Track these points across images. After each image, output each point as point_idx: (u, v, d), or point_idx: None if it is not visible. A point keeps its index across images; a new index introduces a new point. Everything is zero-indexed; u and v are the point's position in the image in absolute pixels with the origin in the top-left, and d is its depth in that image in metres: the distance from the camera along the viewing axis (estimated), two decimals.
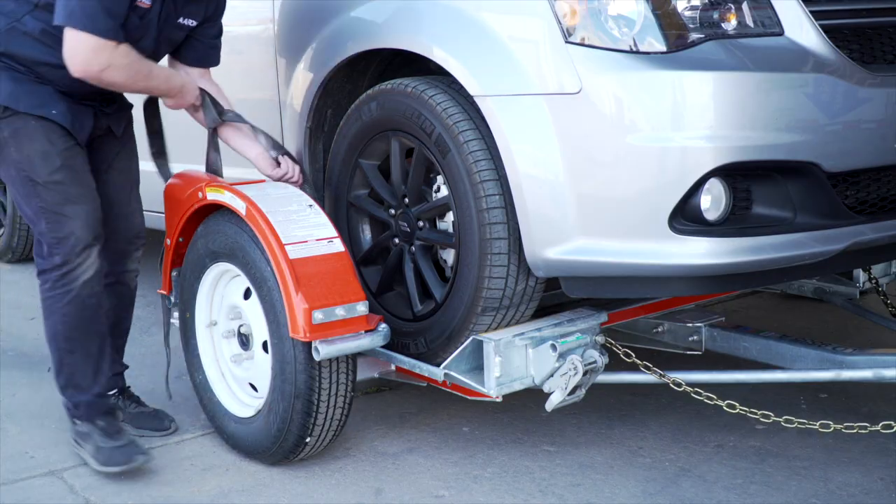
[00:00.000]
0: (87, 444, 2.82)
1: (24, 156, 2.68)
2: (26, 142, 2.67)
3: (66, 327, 2.76)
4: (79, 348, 2.79)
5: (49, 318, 2.77)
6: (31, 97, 2.69)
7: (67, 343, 2.78)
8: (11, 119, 2.67)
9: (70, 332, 2.76)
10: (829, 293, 3.57)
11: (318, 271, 2.61)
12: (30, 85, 2.69)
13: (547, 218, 2.45)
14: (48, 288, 2.74)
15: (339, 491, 2.70)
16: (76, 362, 2.80)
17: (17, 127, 2.67)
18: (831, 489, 2.65)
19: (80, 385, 2.82)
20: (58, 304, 2.73)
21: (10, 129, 2.68)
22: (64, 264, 2.70)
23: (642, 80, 2.32)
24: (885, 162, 2.56)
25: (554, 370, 2.60)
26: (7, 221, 5.27)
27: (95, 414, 2.83)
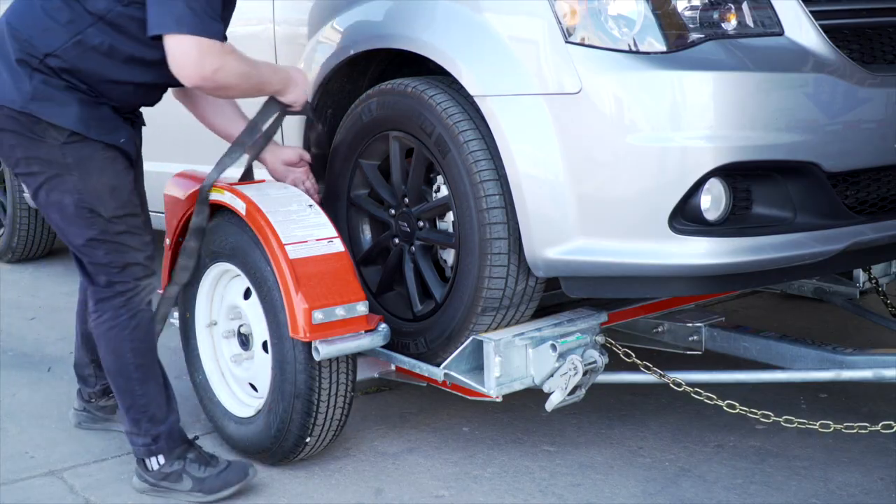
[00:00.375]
0: (182, 482, 2.65)
1: (90, 188, 2.52)
2: (95, 173, 2.52)
3: (136, 355, 2.61)
4: (151, 376, 2.65)
5: (114, 350, 2.61)
6: (101, 123, 2.54)
7: (139, 372, 2.62)
8: (78, 146, 2.50)
9: (141, 360, 2.62)
10: (829, 293, 3.57)
11: (318, 271, 2.61)
12: (94, 108, 2.53)
13: (547, 218, 2.45)
14: (110, 317, 2.60)
15: (339, 491, 2.70)
16: (149, 392, 2.64)
17: (84, 155, 2.51)
18: (831, 489, 2.65)
19: (157, 416, 2.65)
20: (125, 332, 2.60)
21: (77, 157, 2.51)
22: (127, 291, 2.59)
23: (642, 80, 2.32)
24: (885, 162, 2.56)
25: (554, 370, 2.60)
26: (7, 221, 5.27)
27: (177, 444, 2.67)
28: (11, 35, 2.50)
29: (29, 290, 4.86)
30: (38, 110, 2.46)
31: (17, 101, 2.47)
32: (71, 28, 2.47)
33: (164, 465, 2.65)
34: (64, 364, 3.74)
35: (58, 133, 2.48)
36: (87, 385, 3.07)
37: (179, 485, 2.65)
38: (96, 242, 2.55)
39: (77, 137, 2.49)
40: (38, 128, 2.48)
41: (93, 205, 2.53)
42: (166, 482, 2.65)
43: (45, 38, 2.47)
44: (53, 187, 2.53)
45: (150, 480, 2.67)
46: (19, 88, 2.46)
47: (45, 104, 2.47)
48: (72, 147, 2.50)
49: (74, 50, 2.47)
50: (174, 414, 2.69)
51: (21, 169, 2.57)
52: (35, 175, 2.54)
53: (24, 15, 2.52)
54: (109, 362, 2.64)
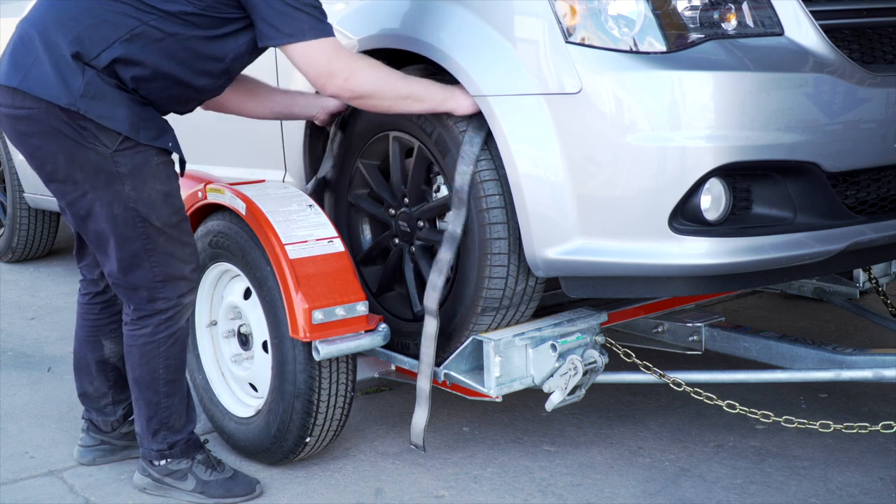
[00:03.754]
0: (186, 481, 2.63)
1: (144, 196, 2.40)
2: (150, 181, 2.40)
3: (169, 371, 2.56)
4: (178, 390, 2.61)
5: (147, 364, 2.55)
6: (149, 125, 2.40)
7: (168, 387, 2.58)
8: (130, 153, 2.37)
9: (173, 376, 2.58)
10: (829, 293, 3.57)
11: (318, 271, 2.61)
12: (142, 109, 2.39)
13: (547, 218, 2.45)
14: (149, 333, 2.52)
15: (339, 491, 2.70)
16: (174, 405, 2.60)
17: (138, 163, 2.38)
18: (831, 489, 2.65)
19: (175, 426, 2.62)
20: (161, 348, 2.54)
21: (130, 165, 2.38)
22: (170, 308, 2.51)
23: (642, 80, 2.32)
24: (885, 162, 2.56)
25: (554, 370, 2.60)
26: (7, 221, 5.27)
27: (192, 451, 2.65)
28: (59, 28, 2.34)
29: (29, 290, 4.86)
30: (86, 108, 2.31)
31: (63, 97, 2.31)
32: (130, 21, 2.34)
33: (170, 463, 2.63)
34: (64, 364, 3.74)
35: (108, 140, 2.35)
36: (105, 415, 2.87)
37: (183, 483, 2.63)
38: (143, 254, 2.44)
39: (128, 144, 2.37)
40: (87, 134, 2.34)
41: (146, 214, 2.42)
42: (170, 479, 2.64)
43: (100, 30, 2.32)
44: (100, 197, 2.39)
45: (153, 475, 2.65)
46: (68, 85, 2.30)
47: (94, 102, 2.32)
48: (123, 155, 2.37)
49: (131, 44, 2.33)
50: (192, 423, 2.67)
51: (60, 177, 2.41)
52: (77, 184, 2.40)
53: (77, 7, 2.36)
54: (139, 374, 2.57)
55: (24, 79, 2.33)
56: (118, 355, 2.80)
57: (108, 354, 2.80)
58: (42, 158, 2.40)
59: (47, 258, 5.44)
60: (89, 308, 2.79)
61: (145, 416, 2.60)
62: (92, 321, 2.79)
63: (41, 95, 2.32)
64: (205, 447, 2.70)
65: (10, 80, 2.35)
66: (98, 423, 2.87)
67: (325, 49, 2.40)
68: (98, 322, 2.79)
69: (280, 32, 2.37)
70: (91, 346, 2.80)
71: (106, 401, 2.85)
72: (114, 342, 2.79)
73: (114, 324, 2.78)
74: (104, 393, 2.84)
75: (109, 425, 2.87)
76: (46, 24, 2.36)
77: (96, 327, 2.79)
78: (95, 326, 2.79)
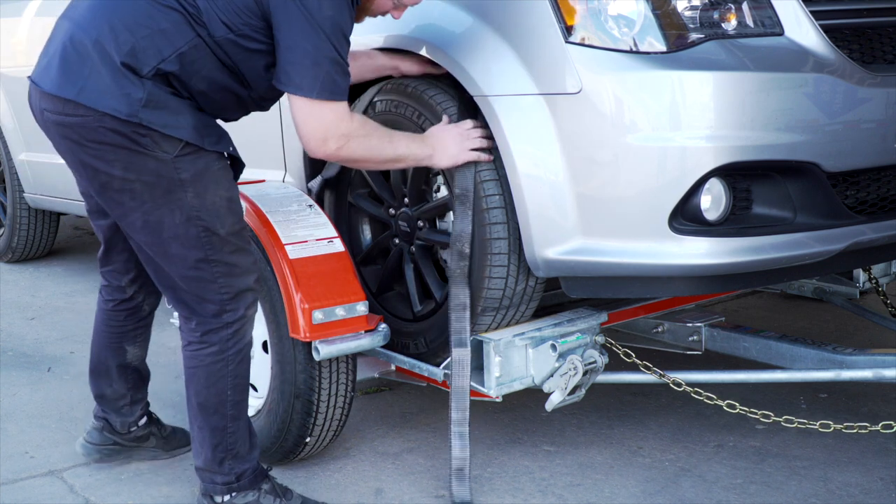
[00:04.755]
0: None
1: (208, 203, 2.27)
2: (212, 187, 2.28)
3: (236, 391, 2.39)
4: (243, 412, 2.43)
5: (215, 385, 2.37)
6: (210, 131, 2.29)
7: (236, 409, 2.40)
8: (191, 158, 2.24)
9: (239, 396, 2.41)
10: (829, 293, 3.57)
11: (318, 271, 2.61)
12: (201, 115, 2.29)
13: (547, 218, 2.45)
14: (216, 351, 2.35)
15: (339, 491, 2.70)
16: (240, 429, 2.42)
17: (200, 168, 2.26)
18: (831, 489, 2.65)
19: (241, 453, 2.43)
20: (229, 367, 2.36)
21: (193, 171, 2.25)
22: (236, 322, 2.35)
23: (642, 80, 2.32)
24: (885, 162, 2.56)
25: (554, 370, 2.60)
26: (7, 221, 5.27)
27: (259, 481, 2.46)
28: (115, 37, 2.20)
29: (29, 290, 4.86)
30: (150, 119, 2.18)
31: (122, 109, 2.17)
32: (186, 34, 2.22)
33: (236, 497, 2.44)
34: (64, 364, 3.74)
35: (169, 146, 2.22)
36: (123, 416, 2.80)
37: None
38: (207, 265, 2.30)
39: (190, 149, 2.24)
40: (146, 140, 2.20)
41: (209, 222, 2.28)
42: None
43: (156, 42, 2.20)
44: (160, 206, 2.25)
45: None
46: (127, 95, 2.17)
47: (157, 112, 2.19)
48: (185, 160, 2.24)
49: (187, 56, 2.22)
50: (256, 449, 2.50)
51: (115, 186, 2.26)
52: (135, 194, 2.25)
53: (131, 15, 2.22)
54: (206, 398, 2.38)
55: (82, 91, 2.20)
56: (140, 359, 2.77)
57: (131, 359, 2.75)
58: (95, 168, 2.26)
59: (47, 258, 5.44)
60: (113, 315, 2.71)
61: (210, 445, 2.40)
62: (116, 328, 2.72)
63: (100, 108, 2.19)
64: (269, 475, 2.52)
65: (66, 91, 2.22)
66: (115, 423, 2.81)
67: (329, 115, 2.29)
68: (123, 329, 2.72)
69: (290, 79, 2.25)
70: (113, 352, 2.73)
71: (124, 401, 2.79)
72: (137, 347, 2.74)
73: (139, 329, 2.73)
74: (123, 394, 2.78)
75: (126, 426, 2.82)
76: (101, 30, 2.22)
77: (120, 334, 2.72)
78: (119, 333, 2.72)
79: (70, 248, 5.71)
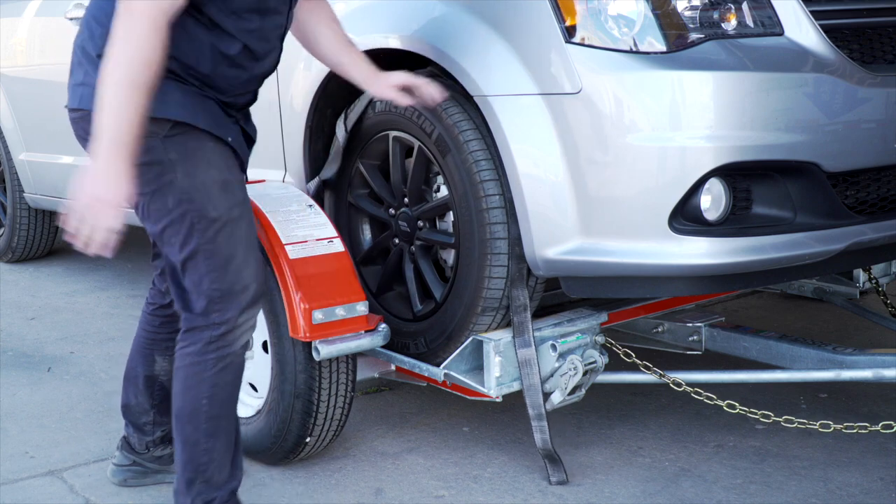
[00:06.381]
0: None
1: (198, 183, 2.12)
2: (203, 166, 2.13)
3: (213, 402, 2.21)
4: (223, 431, 2.23)
5: (191, 390, 2.20)
6: (207, 114, 2.15)
7: (210, 423, 2.21)
8: (181, 138, 2.11)
9: (217, 409, 2.22)
10: (829, 293, 3.57)
11: (318, 271, 2.61)
12: (200, 99, 2.15)
13: (547, 218, 2.45)
14: (197, 351, 2.19)
15: (339, 491, 2.70)
16: (215, 449, 2.23)
17: (190, 147, 2.12)
18: (831, 489, 2.65)
19: (214, 480, 2.24)
20: (208, 372, 2.19)
21: (181, 150, 2.11)
22: (225, 322, 2.17)
23: (642, 80, 2.32)
24: (885, 162, 2.56)
25: (554, 370, 2.60)
26: (7, 221, 5.27)
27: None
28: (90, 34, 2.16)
29: (29, 290, 4.86)
30: None
31: None
32: None
33: None
34: (64, 364, 3.74)
35: (157, 126, 2.08)
36: (143, 434, 2.69)
37: None
38: (204, 254, 2.14)
39: (181, 129, 2.11)
40: None
41: (201, 204, 2.12)
42: None
43: None
44: (154, 191, 2.13)
45: None
46: None
47: None
48: (174, 140, 2.11)
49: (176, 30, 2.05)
50: (236, 481, 2.31)
51: None
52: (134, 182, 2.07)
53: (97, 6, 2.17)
54: (181, 403, 2.23)
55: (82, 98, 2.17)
56: (168, 374, 2.63)
57: (159, 371, 2.63)
58: None
59: (47, 258, 5.44)
60: (150, 319, 2.62)
61: (181, 460, 2.24)
62: (150, 333, 2.62)
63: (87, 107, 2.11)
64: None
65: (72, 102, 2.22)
66: (133, 441, 2.71)
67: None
68: (156, 336, 2.61)
69: None
70: (144, 359, 2.63)
71: (147, 418, 2.67)
72: (166, 360, 2.61)
73: (170, 341, 2.58)
74: (146, 410, 2.66)
75: (144, 445, 2.71)
76: (82, 34, 2.21)
77: (153, 341, 2.62)
78: (152, 340, 2.62)
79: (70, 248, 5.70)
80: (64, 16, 4.28)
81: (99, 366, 3.72)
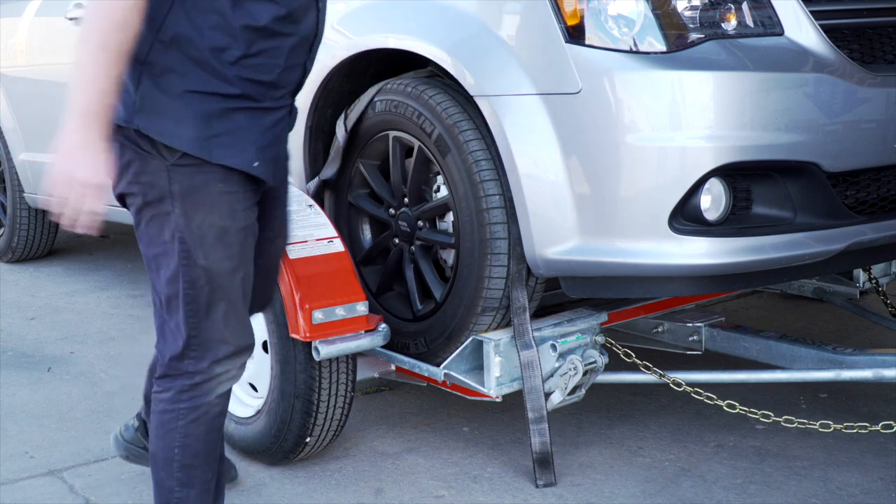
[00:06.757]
0: None
1: (194, 227, 1.94)
2: (202, 210, 1.94)
3: (185, 454, 2.07)
4: (197, 482, 2.09)
5: (163, 438, 2.07)
6: (227, 139, 1.92)
7: (184, 472, 2.08)
8: (189, 170, 1.91)
9: (190, 461, 2.08)
10: (829, 293, 3.57)
11: (318, 271, 2.61)
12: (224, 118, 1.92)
13: (547, 218, 2.45)
14: (169, 398, 2.05)
15: (339, 491, 2.70)
16: (189, 498, 2.09)
17: (196, 184, 1.92)
18: (831, 489, 2.65)
19: None
20: (179, 422, 2.05)
21: (185, 185, 1.92)
22: (198, 373, 2.02)
23: (642, 80, 2.32)
24: (884, 162, 2.56)
25: (554, 370, 2.60)
26: (7, 221, 5.27)
27: None
28: None
29: (29, 290, 4.86)
30: (146, 125, 1.90)
31: (120, 114, 1.90)
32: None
33: None
34: (64, 364, 3.74)
35: (166, 151, 1.91)
36: None
37: None
38: (184, 299, 1.98)
39: (190, 160, 1.91)
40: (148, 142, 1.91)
41: (192, 249, 1.95)
42: None
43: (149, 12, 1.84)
44: (154, 216, 1.96)
45: None
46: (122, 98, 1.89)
47: (154, 118, 1.89)
48: (181, 171, 1.92)
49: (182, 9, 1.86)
50: None
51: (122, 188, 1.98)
52: (134, 196, 1.97)
53: None
54: (154, 448, 2.10)
55: None
56: None
57: None
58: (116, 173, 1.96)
59: (47, 258, 5.44)
60: None
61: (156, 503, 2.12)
62: None
63: None
64: None
65: None
66: None
67: None
68: None
69: None
70: None
71: None
72: None
73: None
74: None
75: None
76: None
77: None
78: None
79: (70, 248, 5.71)
80: (64, 16, 4.28)
81: (99, 366, 3.72)
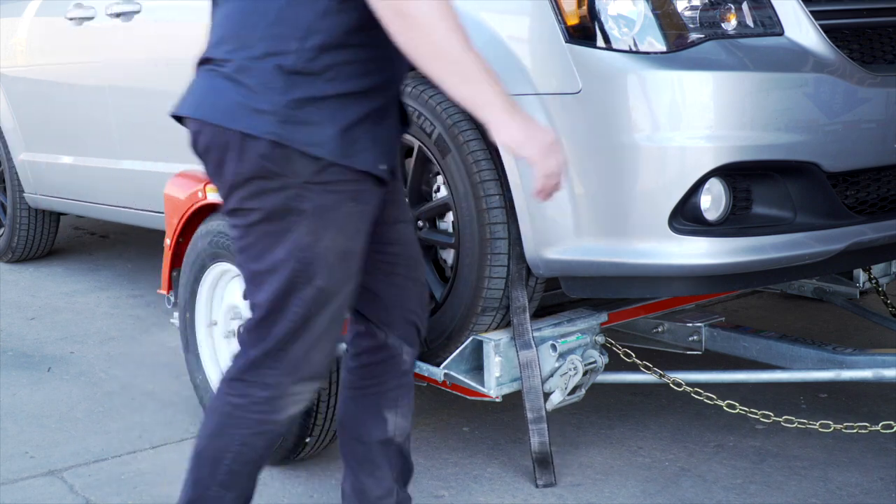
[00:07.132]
0: None
1: (321, 248, 1.82)
2: (332, 229, 1.81)
3: (238, 459, 1.96)
4: (237, 487, 1.99)
5: (220, 438, 1.96)
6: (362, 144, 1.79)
7: (229, 476, 1.97)
8: (322, 188, 1.78)
9: (240, 466, 1.97)
10: (829, 293, 3.57)
11: None
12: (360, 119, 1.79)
13: (547, 218, 2.45)
14: (241, 405, 1.93)
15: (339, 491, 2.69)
16: (224, 499, 1.98)
17: (328, 203, 1.79)
18: (831, 489, 2.65)
19: None
20: (243, 430, 1.94)
21: (316, 204, 1.78)
22: (273, 386, 1.92)
23: (642, 80, 2.32)
24: (884, 162, 2.56)
25: (554, 370, 2.60)
26: (7, 221, 5.27)
27: None
28: None
29: (29, 290, 4.86)
30: (290, 137, 1.74)
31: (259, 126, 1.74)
32: None
33: None
34: (64, 364, 3.74)
35: (301, 165, 1.76)
36: None
37: None
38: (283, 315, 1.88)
39: (327, 175, 1.77)
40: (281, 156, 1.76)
41: (314, 271, 1.83)
42: None
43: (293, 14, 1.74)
44: (269, 232, 1.82)
45: None
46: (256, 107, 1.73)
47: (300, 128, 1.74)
48: (314, 189, 1.77)
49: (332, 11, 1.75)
50: None
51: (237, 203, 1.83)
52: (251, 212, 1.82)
53: None
54: (205, 446, 1.98)
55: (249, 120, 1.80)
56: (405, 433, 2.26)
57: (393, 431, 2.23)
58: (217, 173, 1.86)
59: (47, 258, 5.44)
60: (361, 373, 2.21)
61: (186, 497, 2.00)
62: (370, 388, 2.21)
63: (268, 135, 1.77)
64: None
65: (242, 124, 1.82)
66: None
67: None
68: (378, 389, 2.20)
69: None
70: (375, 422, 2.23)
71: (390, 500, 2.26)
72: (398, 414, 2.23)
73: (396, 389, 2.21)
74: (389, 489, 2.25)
75: None
76: None
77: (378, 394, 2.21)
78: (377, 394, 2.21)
79: (70, 248, 5.71)
80: (64, 16, 4.28)
81: (99, 366, 3.72)
